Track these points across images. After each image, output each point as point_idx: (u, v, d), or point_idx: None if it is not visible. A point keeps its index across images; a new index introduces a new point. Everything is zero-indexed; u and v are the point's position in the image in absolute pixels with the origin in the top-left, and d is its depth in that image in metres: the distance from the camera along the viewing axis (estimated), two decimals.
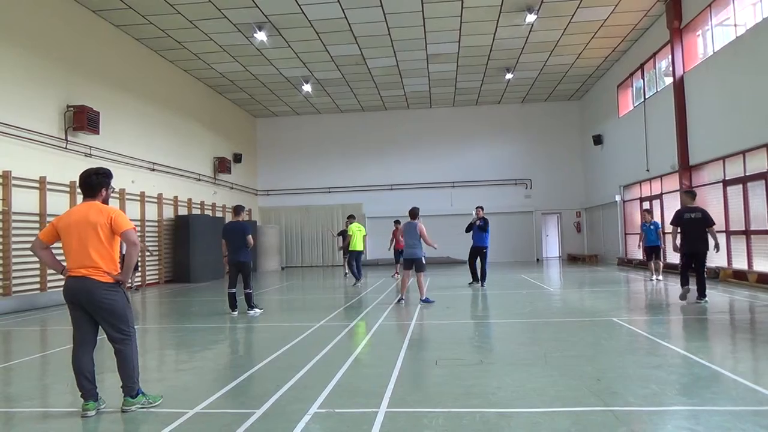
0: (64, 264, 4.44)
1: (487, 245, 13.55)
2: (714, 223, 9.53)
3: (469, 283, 13.85)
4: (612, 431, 3.59)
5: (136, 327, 4.55)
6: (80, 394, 4.25)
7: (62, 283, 3.86)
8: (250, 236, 9.67)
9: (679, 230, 9.59)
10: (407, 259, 10.76)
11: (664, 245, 15.27)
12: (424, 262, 10.65)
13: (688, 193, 10.17)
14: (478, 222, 13.42)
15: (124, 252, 4.45)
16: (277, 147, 27.14)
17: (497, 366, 5.45)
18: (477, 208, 13.76)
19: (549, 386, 4.65)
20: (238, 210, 10.01)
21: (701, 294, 9.55)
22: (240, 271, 9.76)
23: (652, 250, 13.98)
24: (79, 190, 4.65)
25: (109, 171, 4.52)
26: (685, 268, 9.71)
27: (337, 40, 17.42)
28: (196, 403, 4.43)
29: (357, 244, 15.11)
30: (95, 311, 4.25)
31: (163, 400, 4.45)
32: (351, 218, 16.04)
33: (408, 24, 16.34)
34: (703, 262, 9.55)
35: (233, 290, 9.83)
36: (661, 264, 14.21)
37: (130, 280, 9.32)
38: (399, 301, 10.59)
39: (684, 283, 9.60)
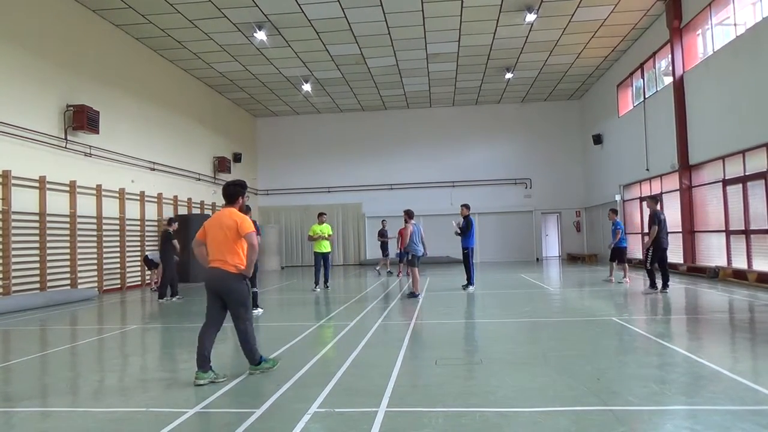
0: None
1: (468, 246, 12.70)
2: (656, 225, 10.86)
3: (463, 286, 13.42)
4: (612, 431, 3.59)
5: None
6: (196, 364, 5.04)
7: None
8: (258, 236, 9.62)
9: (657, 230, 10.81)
10: (416, 256, 11.56)
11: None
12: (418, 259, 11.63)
13: (653, 198, 11.46)
14: (455, 230, 12.91)
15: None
16: (276, 146, 27.14)
17: (497, 365, 5.45)
18: (462, 206, 13.08)
19: (549, 386, 4.65)
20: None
21: (666, 284, 10.92)
22: None
23: (623, 251, 13.99)
24: (221, 199, 5.72)
25: (245, 182, 5.65)
26: (664, 263, 11.04)
27: (336, 40, 17.41)
28: (196, 402, 4.43)
29: (322, 246, 13.83)
30: (224, 295, 5.20)
31: (279, 364, 5.43)
32: (321, 215, 14.59)
33: (408, 23, 16.34)
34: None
35: (254, 290, 9.84)
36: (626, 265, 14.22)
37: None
38: (416, 296, 11.30)
39: (666, 278, 10.94)
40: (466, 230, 12.58)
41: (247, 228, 5.20)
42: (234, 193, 5.43)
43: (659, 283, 11.07)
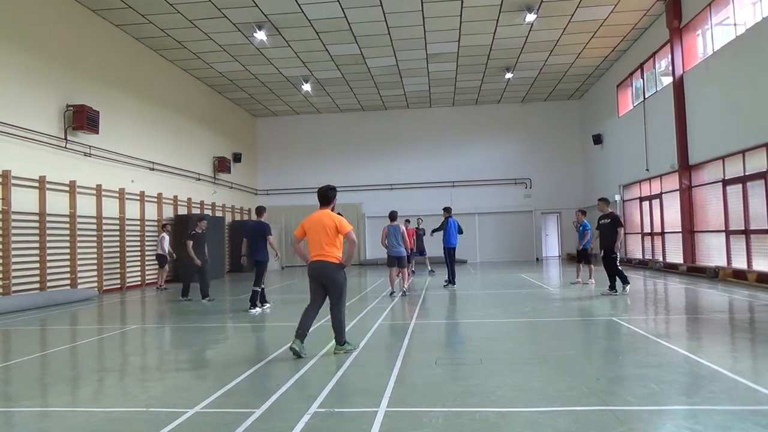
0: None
1: (448, 245, 13.54)
2: (622, 225, 11.12)
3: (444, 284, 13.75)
4: (611, 430, 3.59)
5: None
6: (295, 334, 5.93)
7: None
8: (270, 236, 10.02)
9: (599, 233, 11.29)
10: (392, 257, 12.03)
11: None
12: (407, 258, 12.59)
13: (604, 200, 11.68)
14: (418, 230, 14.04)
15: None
16: (276, 146, 27.14)
17: (497, 365, 5.45)
18: (443, 209, 14.15)
19: (548, 385, 4.66)
20: (259, 210, 10.38)
21: (614, 286, 10.98)
22: (255, 268, 10.04)
23: (587, 252, 14.00)
24: (317, 201, 6.40)
25: (336, 187, 6.47)
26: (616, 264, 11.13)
27: (336, 40, 17.41)
28: (196, 402, 4.43)
29: None
30: (325, 282, 6.07)
31: (357, 350, 6.17)
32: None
33: (408, 23, 16.33)
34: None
35: (256, 288, 10.04)
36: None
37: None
38: (391, 294, 11.79)
39: (624, 279, 10.98)
40: (440, 230, 13.98)
41: (346, 227, 6.10)
42: (329, 196, 6.29)
43: (618, 284, 11.04)
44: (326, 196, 6.30)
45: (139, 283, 16.58)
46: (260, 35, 16.19)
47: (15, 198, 11.85)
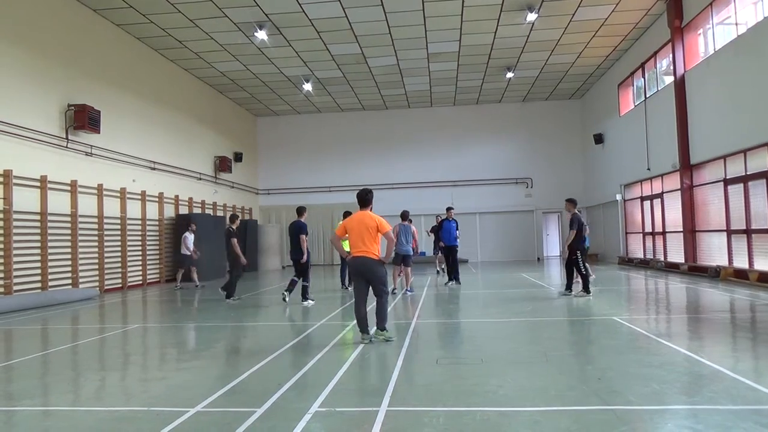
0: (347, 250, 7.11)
1: (450, 245, 14.05)
2: (576, 228, 11.43)
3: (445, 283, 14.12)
4: (613, 430, 3.59)
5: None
6: (359, 329, 6.78)
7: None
8: (302, 235, 10.57)
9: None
10: (399, 254, 12.06)
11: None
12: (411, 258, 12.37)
13: (572, 201, 12.13)
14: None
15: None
16: (277, 146, 27.15)
17: (498, 365, 5.45)
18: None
19: (550, 385, 4.65)
20: (300, 210, 11.04)
21: (570, 286, 11.21)
22: (295, 266, 10.84)
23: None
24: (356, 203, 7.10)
25: (372, 190, 7.20)
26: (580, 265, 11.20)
27: (337, 39, 17.41)
28: (197, 401, 4.43)
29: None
30: (368, 275, 6.74)
31: (393, 340, 6.74)
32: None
33: (408, 23, 16.33)
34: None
35: (295, 278, 10.93)
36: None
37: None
38: (393, 291, 11.88)
39: (569, 277, 11.26)
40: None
41: (386, 227, 6.84)
42: (368, 199, 7.06)
43: (577, 284, 11.34)
44: (365, 199, 7.06)
45: (140, 282, 16.59)
46: (261, 35, 16.19)
47: (16, 198, 11.86)
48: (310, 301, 10.67)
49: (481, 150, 26.27)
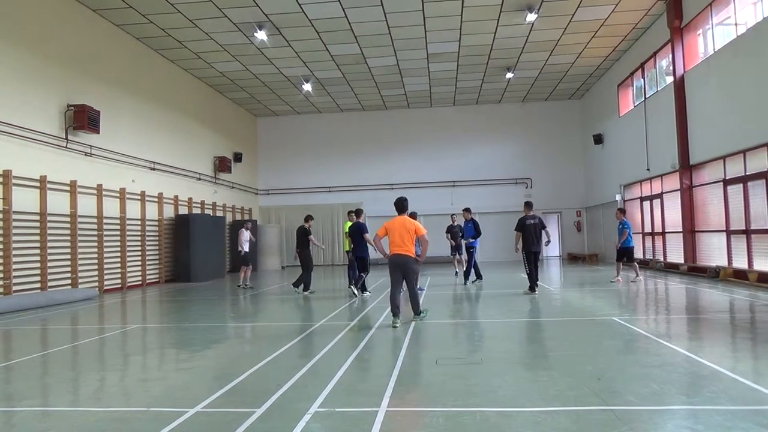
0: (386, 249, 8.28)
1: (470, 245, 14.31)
2: (545, 227, 11.96)
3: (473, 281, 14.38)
4: (612, 430, 3.59)
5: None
6: (392, 314, 7.91)
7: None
8: (366, 234, 11.91)
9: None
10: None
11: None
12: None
13: (528, 204, 12.41)
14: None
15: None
16: (277, 146, 27.15)
17: (497, 365, 5.45)
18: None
19: (549, 385, 4.65)
20: (358, 212, 12.43)
21: (534, 286, 11.53)
22: (357, 262, 12.18)
23: (630, 251, 13.87)
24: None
25: (407, 198, 8.47)
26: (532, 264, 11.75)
27: (337, 40, 17.41)
28: (196, 402, 4.43)
29: (345, 244, 14.11)
30: (404, 270, 8.01)
31: (428, 315, 8.37)
32: (350, 213, 14.60)
33: (408, 23, 16.33)
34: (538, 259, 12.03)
35: (361, 274, 12.15)
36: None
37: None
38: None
39: (534, 277, 11.58)
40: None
41: (422, 231, 8.06)
42: (404, 206, 8.29)
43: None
44: (402, 206, 8.28)
45: (140, 282, 16.58)
46: (261, 35, 16.19)
47: (16, 198, 11.86)
48: (368, 293, 12.03)
49: (481, 150, 26.28)
